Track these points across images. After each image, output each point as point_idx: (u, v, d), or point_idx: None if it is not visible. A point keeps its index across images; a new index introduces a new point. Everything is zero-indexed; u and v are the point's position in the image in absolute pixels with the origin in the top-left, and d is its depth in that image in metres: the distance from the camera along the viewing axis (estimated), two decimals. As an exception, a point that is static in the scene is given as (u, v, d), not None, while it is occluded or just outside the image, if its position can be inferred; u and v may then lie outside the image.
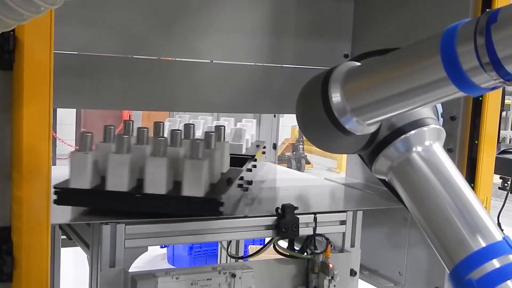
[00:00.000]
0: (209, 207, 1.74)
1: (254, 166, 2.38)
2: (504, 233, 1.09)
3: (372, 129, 1.21)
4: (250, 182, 2.21)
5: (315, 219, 1.96)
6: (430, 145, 1.21)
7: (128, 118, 2.64)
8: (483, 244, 1.06)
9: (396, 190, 1.27)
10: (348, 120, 1.17)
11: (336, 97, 1.17)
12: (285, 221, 1.89)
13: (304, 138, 5.85)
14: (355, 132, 1.19)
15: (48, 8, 0.85)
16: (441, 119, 1.32)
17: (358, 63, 1.25)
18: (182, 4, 2.43)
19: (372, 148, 1.25)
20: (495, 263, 1.03)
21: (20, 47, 1.44)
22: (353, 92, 1.18)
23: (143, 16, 2.38)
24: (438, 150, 1.21)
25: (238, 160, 2.27)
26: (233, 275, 1.82)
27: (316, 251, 1.96)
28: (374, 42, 2.52)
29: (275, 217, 1.90)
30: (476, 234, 1.07)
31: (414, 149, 1.20)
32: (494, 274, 1.02)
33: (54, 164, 6.43)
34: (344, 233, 2.06)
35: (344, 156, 2.80)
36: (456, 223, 1.10)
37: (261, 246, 2.06)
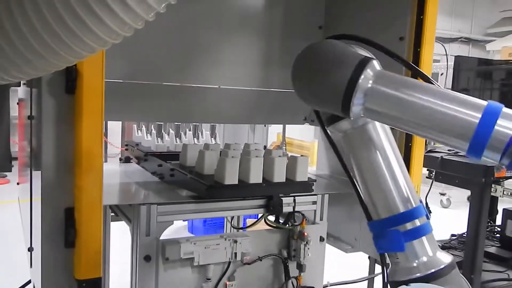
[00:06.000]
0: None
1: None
2: (420, 199, 1.06)
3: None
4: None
5: (294, 200, 1.96)
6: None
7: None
8: (410, 207, 1.02)
9: (333, 143, 1.09)
10: (355, 117, 0.99)
11: (356, 108, 0.95)
12: (273, 202, 1.88)
13: (286, 141, 5.78)
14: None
15: (100, 49, 0.84)
16: None
17: (386, 74, 0.96)
18: (197, 44, 2.43)
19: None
20: (417, 222, 1.02)
21: (80, 77, 1.44)
22: (375, 110, 0.95)
23: (169, 53, 2.38)
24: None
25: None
26: (235, 241, 1.82)
27: (295, 224, 1.96)
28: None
29: (266, 199, 1.90)
30: (408, 197, 1.03)
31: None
32: (416, 230, 1.01)
33: (106, 161, 6.41)
34: (315, 210, 2.06)
35: (315, 152, 2.77)
36: (395, 186, 1.03)
37: (256, 220, 2.05)
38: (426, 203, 2.60)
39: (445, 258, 1.03)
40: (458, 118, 0.88)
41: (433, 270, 1.00)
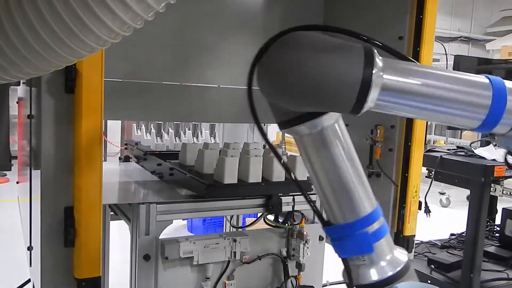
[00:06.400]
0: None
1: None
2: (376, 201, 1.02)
3: None
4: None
5: (293, 199, 1.96)
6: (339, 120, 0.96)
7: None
8: (373, 207, 1.00)
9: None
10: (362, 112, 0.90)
11: (369, 104, 0.87)
12: (272, 201, 1.89)
13: (285, 140, 5.72)
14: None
15: (99, 48, 0.84)
16: None
17: (389, 62, 0.88)
18: (197, 44, 2.43)
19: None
20: (375, 225, 0.99)
21: (79, 76, 1.44)
22: (389, 103, 0.88)
23: (168, 53, 2.38)
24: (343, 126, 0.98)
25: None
26: (234, 240, 1.82)
27: (294, 223, 1.96)
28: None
29: (265, 198, 1.90)
30: (370, 198, 1.00)
31: (332, 123, 0.94)
32: (379, 230, 0.99)
33: (105, 160, 6.41)
34: (314, 210, 2.06)
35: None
36: (359, 188, 0.98)
37: (255, 219, 2.06)
38: (426, 203, 2.60)
39: (404, 254, 1.03)
40: (471, 101, 0.91)
41: (400, 267, 1.00)
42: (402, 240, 2.07)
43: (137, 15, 0.78)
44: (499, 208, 3.69)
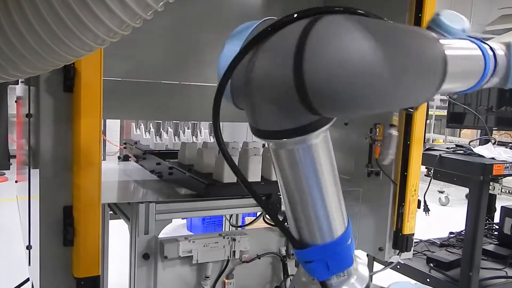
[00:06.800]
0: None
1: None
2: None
3: None
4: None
5: (293, 198, 1.96)
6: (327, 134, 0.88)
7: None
8: (346, 222, 0.95)
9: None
10: None
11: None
12: (271, 200, 1.88)
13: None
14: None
15: (98, 47, 0.84)
16: None
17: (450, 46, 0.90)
18: (196, 43, 2.43)
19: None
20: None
21: (78, 75, 1.43)
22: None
23: (168, 52, 2.37)
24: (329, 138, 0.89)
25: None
26: (234, 239, 1.82)
27: (294, 222, 1.96)
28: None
29: (264, 197, 1.89)
30: (345, 211, 0.96)
31: (320, 139, 0.85)
32: (353, 239, 0.96)
33: (104, 159, 6.41)
34: (314, 208, 2.05)
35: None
36: (340, 205, 0.93)
37: (254, 218, 2.06)
38: (425, 201, 2.60)
39: (361, 256, 1.03)
40: (476, 70, 1.02)
41: (369, 273, 0.98)
42: (401, 238, 2.07)
43: (136, 13, 0.77)
44: (498, 206, 3.70)
